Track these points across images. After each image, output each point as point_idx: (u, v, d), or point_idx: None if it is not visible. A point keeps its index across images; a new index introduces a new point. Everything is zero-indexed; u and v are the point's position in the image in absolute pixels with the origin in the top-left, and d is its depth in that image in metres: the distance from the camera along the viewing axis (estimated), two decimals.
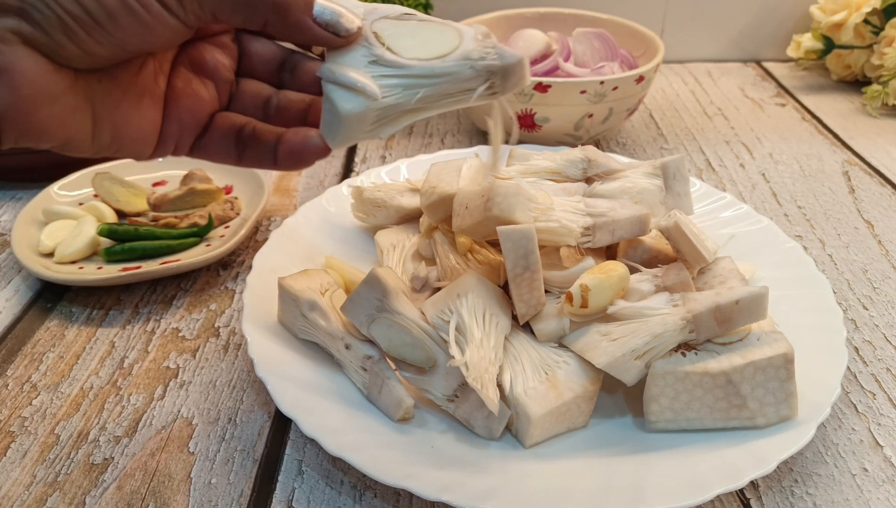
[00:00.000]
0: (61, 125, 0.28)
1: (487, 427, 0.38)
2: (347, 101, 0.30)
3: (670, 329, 0.37)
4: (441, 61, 0.31)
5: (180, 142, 0.33)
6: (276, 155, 0.33)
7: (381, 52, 0.31)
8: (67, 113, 0.28)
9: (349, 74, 0.30)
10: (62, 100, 0.28)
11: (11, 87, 0.26)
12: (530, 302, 0.39)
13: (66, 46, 0.27)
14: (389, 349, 0.39)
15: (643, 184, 0.46)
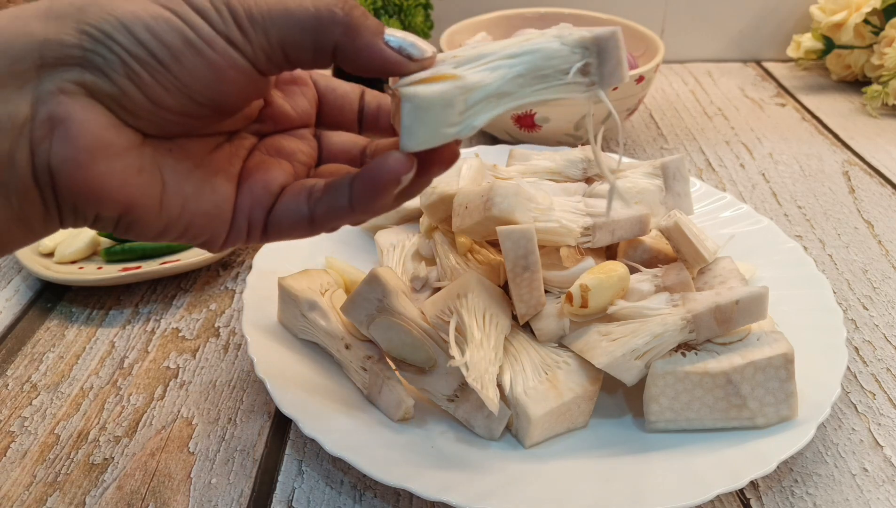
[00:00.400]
0: (123, 184, 0.26)
1: (488, 428, 0.38)
2: (429, 88, 0.27)
3: (670, 329, 0.37)
4: (526, 41, 0.28)
5: (252, 217, 0.30)
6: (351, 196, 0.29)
7: (462, 53, 0.28)
8: (130, 172, 0.26)
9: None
10: (124, 157, 0.26)
11: (68, 138, 0.25)
12: (530, 302, 0.39)
13: (130, 94, 0.25)
14: (389, 349, 0.39)
15: (643, 184, 0.46)
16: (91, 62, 0.25)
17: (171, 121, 0.27)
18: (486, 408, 0.37)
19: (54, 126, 0.25)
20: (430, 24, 0.75)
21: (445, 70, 0.27)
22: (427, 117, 0.27)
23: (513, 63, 0.27)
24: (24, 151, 0.25)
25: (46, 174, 0.25)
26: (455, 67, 0.28)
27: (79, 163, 0.25)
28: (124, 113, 0.26)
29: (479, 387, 0.35)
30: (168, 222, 0.28)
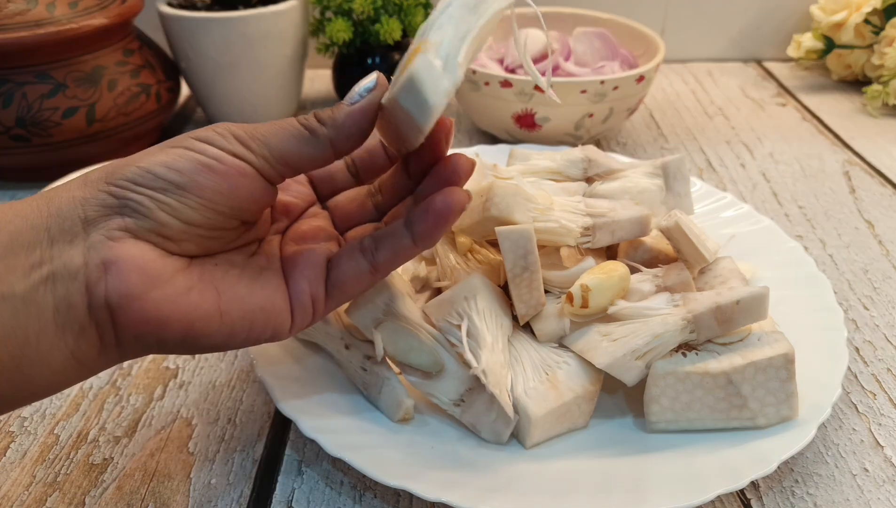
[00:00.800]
0: (177, 305, 0.29)
1: (495, 432, 0.38)
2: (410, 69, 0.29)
3: (671, 329, 0.37)
4: None
5: (314, 294, 0.33)
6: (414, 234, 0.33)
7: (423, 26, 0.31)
8: (181, 292, 0.29)
9: None
10: (173, 282, 0.29)
11: (121, 275, 0.28)
12: (530, 303, 0.39)
13: (165, 222, 0.29)
14: (396, 353, 0.38)
15: (644, 184, 0.46)
16: (126, 207, 0.28)
17: (206, 236, 0.30)
18: (493, 412, 0.37)
19: (107, 268, 0.28)
20: None
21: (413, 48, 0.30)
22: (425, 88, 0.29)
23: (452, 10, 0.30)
24: (79, 295, 0.28)
25: (104, 311, 0.28)
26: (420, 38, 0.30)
27: (134, 295, 0.28)
28: (166, 242, 0.29)
29: (499, 393, 0.36)
30: (231, 328, 0.31)
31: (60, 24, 0.60)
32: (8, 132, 0.61)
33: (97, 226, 0.28)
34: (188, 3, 0.72)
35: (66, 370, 0.28)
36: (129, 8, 0.65)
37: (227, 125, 0.30)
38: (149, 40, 0.71)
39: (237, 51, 0.69)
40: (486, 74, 0.65)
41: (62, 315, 0.27)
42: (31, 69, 0.61)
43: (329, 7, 0.72)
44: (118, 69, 0.65)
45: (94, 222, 0.28)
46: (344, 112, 0.31)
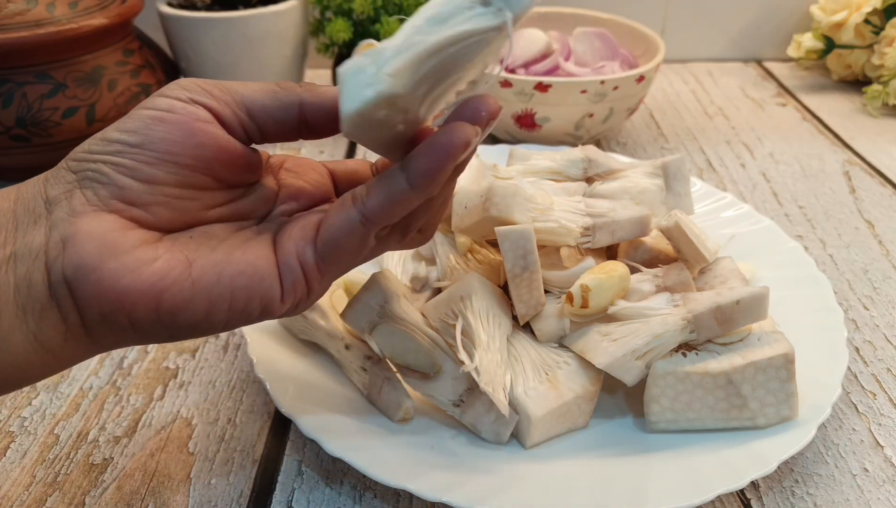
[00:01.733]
0: (138, 276, 0.27)
1: (495, 432, 0.38)
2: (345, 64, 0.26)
3: (671, 329, 0.37)
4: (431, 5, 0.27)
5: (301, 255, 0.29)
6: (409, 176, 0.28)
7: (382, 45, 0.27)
8: (145, 263, 0.27)
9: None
10: (135, 252, 0.27)
11: (75, 248, 0.26)
12: (530, 303, 0.39)
13: (125, 184, 0.27)
14: (393, 355, 0.38)
15: (644, 184, 0.46)
16: (85, 178, 0.27)
17: (178, 197, 0.28)
18: (493, 412, 0.37)
19: (66, 243, 0.26)
20: None
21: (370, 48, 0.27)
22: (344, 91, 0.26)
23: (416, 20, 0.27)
24: (39, 272, 0.26)
25: (63, 287, 0.26)
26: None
27: (89, 267, 0.26)
28: (132, 209, 0.28)
29: (492, 391, 0.35)
30: (208, 298, 0.28)
31: (60, 24, 0.60)
32: (8, 132, 0.61)
33: (59, 203, 0.27)
34: (188, 3, 0.72)
35: (29, 354, 0.27)
36: (129, 8, 0.65)
37: (195, 80, 0.29)
38: (149, 40, 0.71)
39: (237, 51, 0.69)
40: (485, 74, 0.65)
41: (22, 295, 0.26)
42: (31, 69, 0.61)
43: (329, 7, 0.72)
44: (118, 69, 0.65)
45: (56, 201, 0.27)
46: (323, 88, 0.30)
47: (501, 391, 0.36)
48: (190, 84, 0.29)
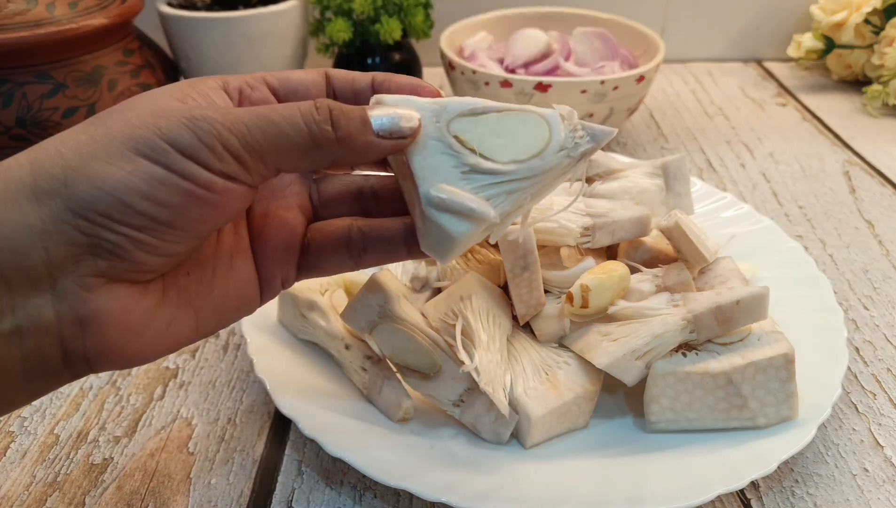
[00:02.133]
0: (159, 345, 0.27)
1: (495, 432, 0.37)
2: (458, 225, 0.28)
3: (671, 329, 0.37)
4: (540, 159, 0.28)
5: (285, 275, 0.31)
6: (408, 246, 0.31)
7: (475, 161, 0.28)
8: (163, 331, 0.27)
9: (458, 200, 0.27)
10: (154, 323, 0.26)
11: (100, 334, 0.25)
12: (530, 303, 0.39)
13: (144, 261, 0.25)
14: (392, 355, 0.38)
15: (644, 184, 0.46)
16: (100, 247, 0.24)
17: (183, 257, 0.27)
18: (493, 412, 0.37)
19: (84, 326, 0.24)
20: (430, 23, 0.75)
21: (469, 204, 0.28)
22: (457, 245, 0.28)
23: (530, 183, 0.28)
24: (52, 348, 0.24)
25: (82, 362, 0.25)
26: (467, 171, 0.28)
27: (115, 350, 0.25)
28: (142, 274, 0.26)
29: (492, 391, 0.35)
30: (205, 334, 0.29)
31: (60, 24, 0.60)
32: (8, 132, 0.61)
33: (65, 271, 0.24)
34: (188, 3, 0.72)
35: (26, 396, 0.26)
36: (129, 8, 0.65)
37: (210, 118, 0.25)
38: (149, 40, 0.71)
39: (237, 51, 0.69)
40: (485, 74, 0.65)
41: (32, 365, 0.24)
42: (31, 69, 0.61)
43: (329, 7, 0.72)
44: (118, 69, 0.65)
45: (60, 267, 0.24)
46: (365, 140, 0.27)
47: (501, 391, 0.36)
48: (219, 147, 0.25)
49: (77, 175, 0.23)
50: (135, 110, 0.25)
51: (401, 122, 0.28)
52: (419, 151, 0.28)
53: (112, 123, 0.24)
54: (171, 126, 0.24)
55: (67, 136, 0.25)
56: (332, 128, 0.26)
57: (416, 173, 0.28)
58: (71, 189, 0.23)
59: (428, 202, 0.28)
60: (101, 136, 0.24)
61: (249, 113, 0.25)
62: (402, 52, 0.75)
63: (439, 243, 0.28)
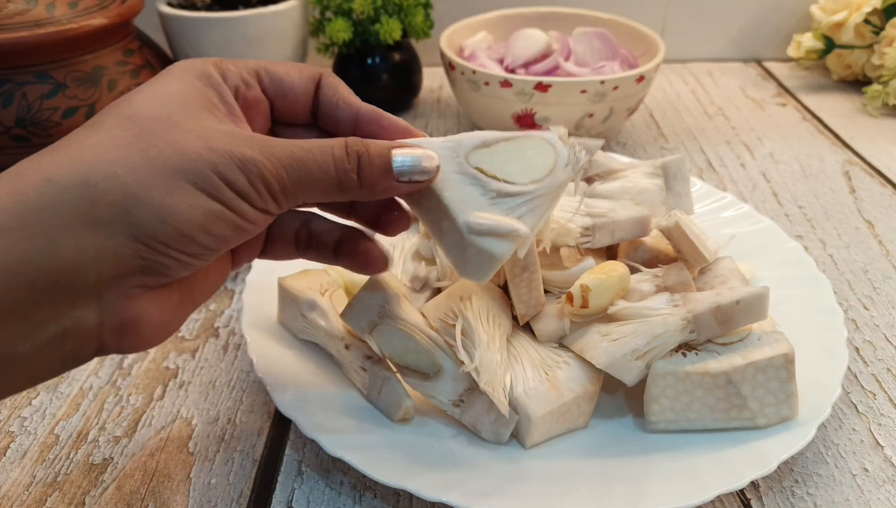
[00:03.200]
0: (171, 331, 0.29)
1: (495, 432, 0.37)
2: (500, 245, 0.31)
3: (671, 329, 0.37)
4: (553, 176, 0.32)
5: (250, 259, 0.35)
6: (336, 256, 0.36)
7: (500, 187, 0.32)
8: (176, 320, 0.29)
9: (496, 223, 0.31)
10: (179, 320, 0.30)
11: (136, 336, 0.27)
12: (529, 302, 0.39)
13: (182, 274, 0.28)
14: (392, 355, 0.38)
15: (644, 184, 0.46)
16: (150, 269, 0.26)
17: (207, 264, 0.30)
18: (493, 412, 0.37)
19: (124, 329, 0.26)
20: (430, 23, 0.75)
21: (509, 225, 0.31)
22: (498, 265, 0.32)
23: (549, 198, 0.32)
24: (89, 349, 0.26)
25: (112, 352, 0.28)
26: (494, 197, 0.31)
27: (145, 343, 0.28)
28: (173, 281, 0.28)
29: (492, 391, 0.35)
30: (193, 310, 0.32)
31: (60, 24, 0.60)
32: (8, 132, 0.61)
33: (112, 286, 0.25)
34: (188, 3, 0.72)
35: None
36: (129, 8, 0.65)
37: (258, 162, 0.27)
38: (149, 40, 0.71)
39: (237, 51, 0.69)
40: (486, 74, 0.65)
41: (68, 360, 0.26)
42: (31, 69, 0.61)
43: (329, 7, 0.72)
44: (118, 69, 0.65)
45: (108, 283, 0.25)
46: (385, 185, 0.30)
47: (501, 391, 0.36)
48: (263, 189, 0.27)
49: (139, 204, 0.25)
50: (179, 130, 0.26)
51: (423, 162, 0.30)
52: (446, 186, 0.31)
53: (164, 146, 0.26)
54: (224, 164, 0.26)
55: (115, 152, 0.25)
56: (357, 175, 0.29)
57: (450, 207, 0.31)
58: (133, 217, 0.25)
59: (469, 230, 0.31)
60: (156, 161, 0.25)
61: (288, 157, 0.28)
62: (401, 52, 0.75)
63: (482, 266, 0.31)
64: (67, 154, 0.25)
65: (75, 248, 0.24)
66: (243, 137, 0.27)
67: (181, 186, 0.25)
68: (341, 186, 0.29)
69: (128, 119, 0.26)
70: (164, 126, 0.26)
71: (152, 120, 0.26)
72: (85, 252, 0.24)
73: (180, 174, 0.25)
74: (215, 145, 0.26)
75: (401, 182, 0.30)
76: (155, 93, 0.28)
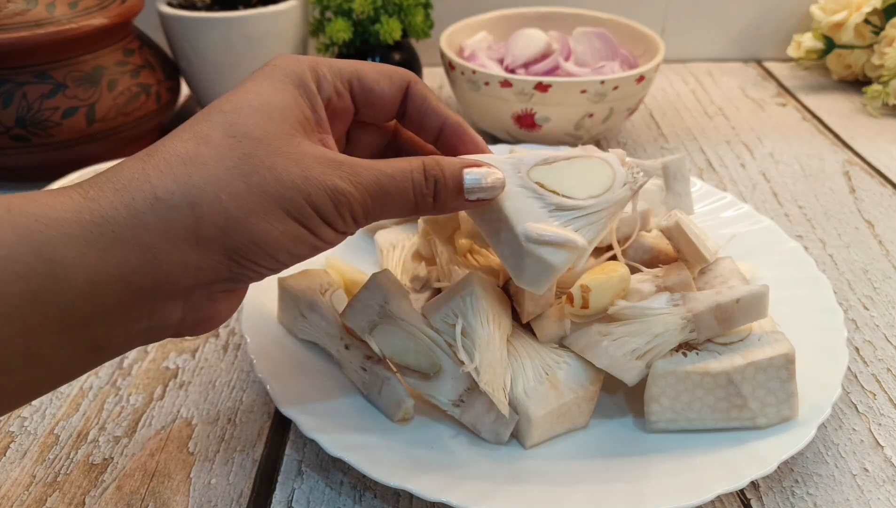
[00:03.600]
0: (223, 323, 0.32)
1: (495, 432, 0.37)
2: (556, 255, 0.32)
3: (671, 329, 0.37)
4: (610, 193, 0.34)
5: None
6: None
7: (559, 200, 0.33)
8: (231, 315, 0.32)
9: (553, 231, 0.32)
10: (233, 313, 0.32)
11: (210, 326, 0.31)
12: (539, 300, 0.39)
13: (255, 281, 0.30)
14: (392, 355, 0.38)
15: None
16: (235, 278, 0.29)
17: None
18: (493, 412, 0.37)
19: (200, 323, 0.30)
20: (430, 23, 0.75)
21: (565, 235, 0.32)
22: (555, 275, 0.33)
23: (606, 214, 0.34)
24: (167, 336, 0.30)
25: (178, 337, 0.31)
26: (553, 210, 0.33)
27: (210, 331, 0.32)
28: None
29: (492, 391, 0.35)
30: None
31: (60, 24, 0.60)
32: (8, 132, 0.61)
33: (200, 289, 0.29)
34: (188, 3, 0.72)
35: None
36: (129, 8, 0.65)
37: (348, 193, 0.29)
38: (149, 40, 0.71)
39: (237, 51, 0.69)
40: (486, 74, 0.65)
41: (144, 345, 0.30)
42: (31, 69, 0.61)
43: (329, 7, 0.72)
44: (118, 69, 0.65)
45: (198, 287, 0.29)
46: (456, 204, 0.32)
47: (501, 391, 0.36)
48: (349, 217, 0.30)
49: (238, 227, 0.28)
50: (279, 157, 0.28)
51: (491, 181, 0.32)
52: (508, 198, 0.33)
53: (265, 172, 0.28)
54: (317, 194, 0.28)
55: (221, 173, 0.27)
56: (433, 198, 0.32)
57: (510, 216, 0.33)
58: (231, 238, 0.28)
59: (527, 239, 0.32)
60: (257, 188, 0.28)
61: (374, 184, 0.30)
62: (402, 53, 0.75)
63: (539, 275, 0.33)
64: (176, 171, 0.27)
65: (178, 261, 0.27)
66: (334, 163, 0.29)
67: (276, 213, 0.28)
68: (418, 208, 0.31)
69: (234, 138, 0.28)
70: (265, 151, 0.28)
71: (256, 142, 0.28)
72: (186, 265, 0.27)
73: (277, 202, 0.28)
74: (310, 175, 0.28)
75: (469, 200, 0.32)
76: (259, 106, 0.30)
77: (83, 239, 0.25)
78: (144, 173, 0.27)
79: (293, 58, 0.32)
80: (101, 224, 0.25)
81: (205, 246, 0.27)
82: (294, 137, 0.29)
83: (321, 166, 0.29)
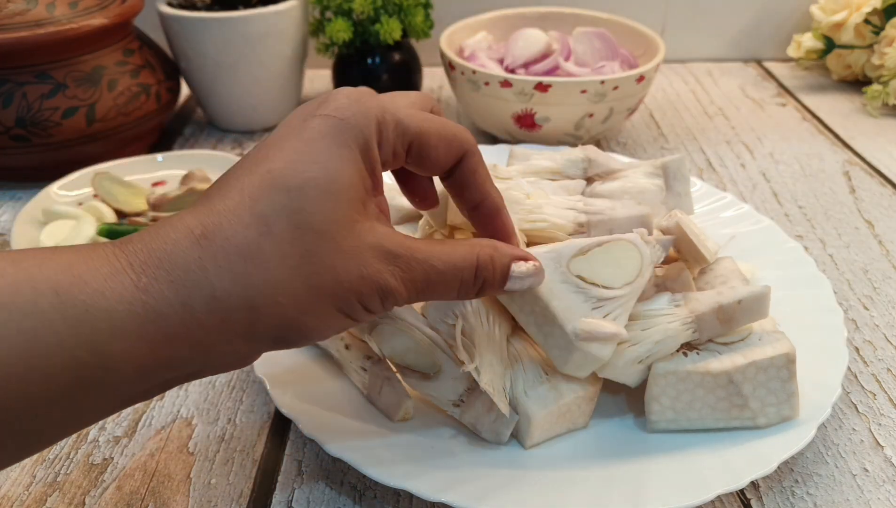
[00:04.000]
0: None
1: (495, 432, 0.37)
2: (604, 349, 0.35)
3: (672, 333, 0.37)
4: (641, 277, 0.36)
5: None
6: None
7: (599, 292, 0.35)
8: None
9: (601, 330, 0.34)
10: None
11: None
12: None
13: None
14: (392, 355, 0.38)
15: (644, 184, 0.46)
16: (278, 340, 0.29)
17: None
18: (493, 412, 0.37)
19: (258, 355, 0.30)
20: (430, 23, 0.74)
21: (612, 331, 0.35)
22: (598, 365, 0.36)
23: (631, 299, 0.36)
24: None
25: None
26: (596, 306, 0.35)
27: None
28: None
29: (492, 391, 0.35)
30: None
31: (60, 24, 0.60)
32: (8, 132, 0.61)
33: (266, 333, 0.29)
34: (188, 3, 0.72)
35: None
36: (129, 8, 0.65)
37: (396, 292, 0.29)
38: (149, 40, 0.71)
39: (237, 51, 0.69)
40: (486, 74, 0.65)
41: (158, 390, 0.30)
42: (31, 69, 0.61)
43: (329, 7, 0.72)
44: (118, 69, 0.65)
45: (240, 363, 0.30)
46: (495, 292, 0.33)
47: (501, 390, 0.36)
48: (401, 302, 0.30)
49: (291, 325, 0.28)
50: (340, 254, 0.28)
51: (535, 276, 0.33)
52: (554, 296, 0.35)
53: (325, 274, 0.28)
54: (369, 294, 0.29)
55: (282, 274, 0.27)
56: (475, 293, 0.32)
57: (558, 316, 0.35)
58: (281, 332, 0.28)
59: (577, 337, 0.34)
60: (315, 289, 0.28)
61: (423, 281, 0.30)
62: (402, 53, 0.75)
63: (585, 366, 0.35)
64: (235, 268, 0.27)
65: (229, 351, 0.28)
66: (390, 257, 0.29)
67: (329, 311, 0.28)
68: (458, 298, 0.32)
69: (299, 230, 0.27)
70: (327, 249, 0.28)
71: (319, 236, 0.28)
72: (236, 353, 0.28)
73: (332, 302, 0.28)
74: (366, 273, 0.28)
75: (513, 288, 0.33)
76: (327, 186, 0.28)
77: (136, 334, 0.25)
78: (202, 266, 0.26)
79: (360, 107, 0.30)
80: (156, 321, 0.25)
81: (257, 339, 0.28)
82: (356, 225, 0.29)
83: (378, 263, 0.29)
